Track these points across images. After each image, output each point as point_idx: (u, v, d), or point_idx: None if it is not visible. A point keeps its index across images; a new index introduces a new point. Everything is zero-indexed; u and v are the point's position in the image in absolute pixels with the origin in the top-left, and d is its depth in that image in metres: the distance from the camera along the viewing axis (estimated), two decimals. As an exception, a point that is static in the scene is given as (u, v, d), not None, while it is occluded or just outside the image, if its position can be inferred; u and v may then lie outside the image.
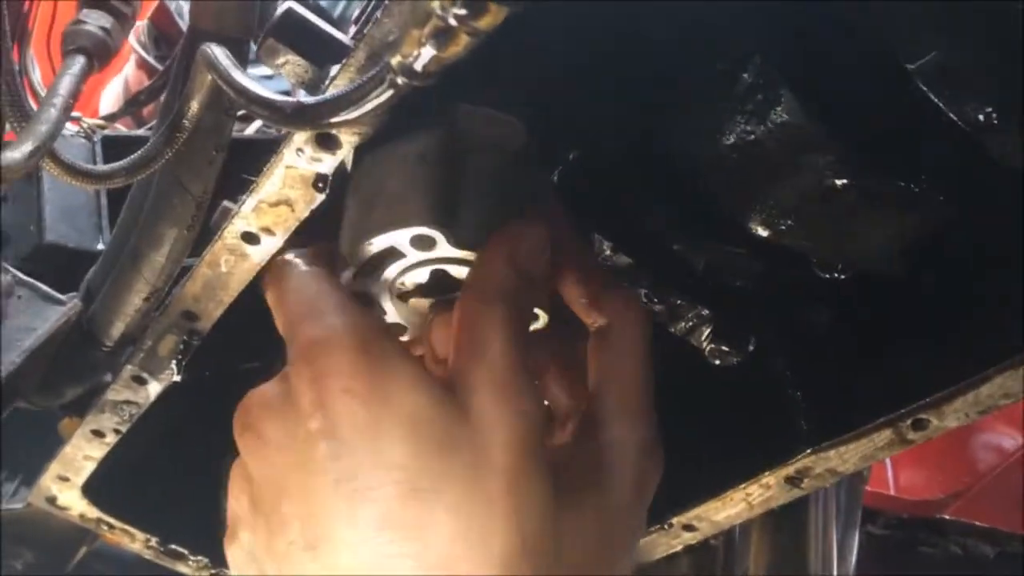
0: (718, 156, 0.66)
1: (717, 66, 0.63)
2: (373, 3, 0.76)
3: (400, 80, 0.42)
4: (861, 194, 0.62)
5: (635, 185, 0.75)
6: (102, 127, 1.14)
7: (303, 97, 0.53)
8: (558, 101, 0.72)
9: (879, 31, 0.57)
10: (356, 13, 0.84)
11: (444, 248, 0.60)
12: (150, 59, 1.41)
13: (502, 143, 0.62)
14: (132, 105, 1.08)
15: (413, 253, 0.61)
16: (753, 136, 0.63)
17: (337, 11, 1.00)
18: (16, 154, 0.51)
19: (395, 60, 0.42)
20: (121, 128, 1.24)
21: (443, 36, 0.39)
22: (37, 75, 1.25)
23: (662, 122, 0.71)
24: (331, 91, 0.51)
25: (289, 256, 0.67)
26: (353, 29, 0.81)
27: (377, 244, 0.61)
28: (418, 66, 0.41)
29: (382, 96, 0.45)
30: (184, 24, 1.39)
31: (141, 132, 1.17)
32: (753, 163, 0.64)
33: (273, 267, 0.68)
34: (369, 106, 0.46)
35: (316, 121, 0.49)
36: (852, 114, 0.60)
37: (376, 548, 0.51)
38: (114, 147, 1.08)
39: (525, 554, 0.52)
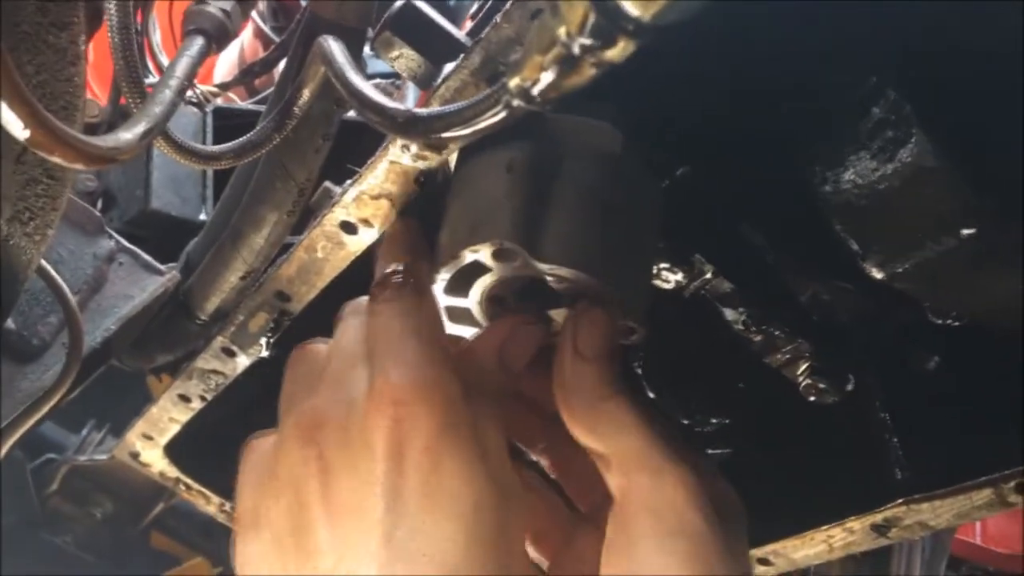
0: (837, 189, 0.63)
1: (846, 97, 0.60)
2: (491, 2, 0.75)
3: (516, 103, 0.41)
4: (989, 245, 0.59)
5: (744, 208, 0.73)
6: (215, 95, 1.15)
7: (414, 107, 0.52)
8: (671, 111, 0.70)
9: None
10: (474, 8, 0.83)
11: (528, 262, 0.58)
12: (267, 29, 1.42)
13: (595, 150, 0.60)
14: (246, 76, 1.09)
15: (498, 267, 0.60)
16: (877, 173, 0.60)
17: (454, -1, 1.00)
18: (129, 135, 0.51)
19: (513, 82, 0.40)
20: (234, 98, 1.26)
21: (566, 64, 0.37)
22: (157, 37, 1.28)
23: (781, 147, 0.67)
24: (445, 104, 0.50)
25: (390, 269, 0.62)
26: (470, 24, 0.80)
27: (465, 257, 0.59)
28: (536, 91, 0.39)
29: (495, 117, 0.44)
30: (303, -2, 1.40)
31: (251, 106, 1.18)
32: (874, 201, 0.61)
33: (376, 284, 0.63)
34: (481, 125, 0.45)
35: (427, 134, 0.48)
36: (989, 161, 0.57)
37: None
38: (224, 118, 1.10)
39: None
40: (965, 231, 0.58)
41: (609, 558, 0.55)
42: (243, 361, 0.90)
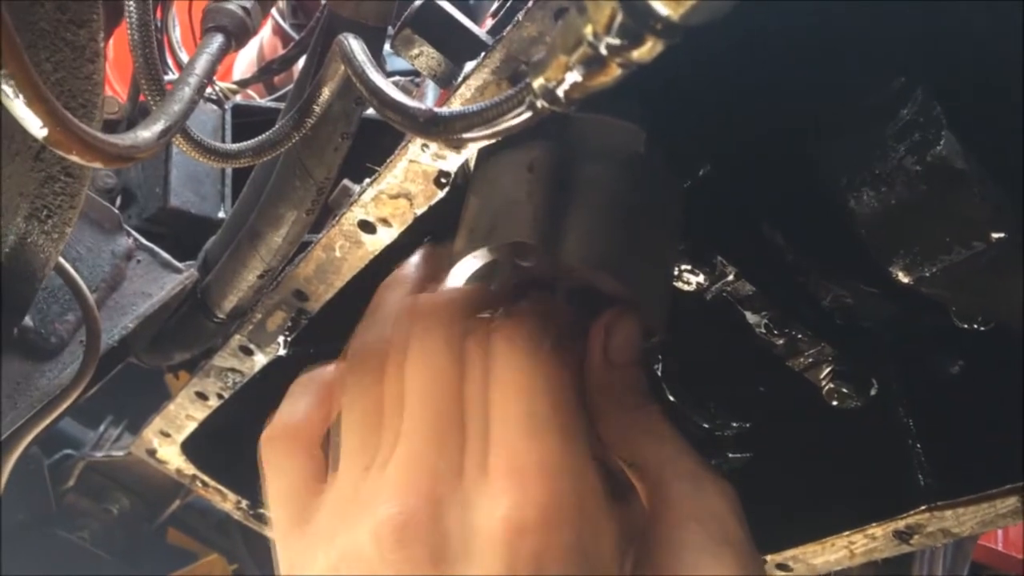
0: (862, 191, 0.62)
1: (873, 97, 0.59)
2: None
3: (540, 104, 0.40)
4: (1018, 249, 0.58)
5: (767, 210, 0.72)
6: (234, 92, 1.15)
7: (434, 105, 0.51)
8: (693, 112, 0.69)
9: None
10: (495, 6, 0.82)
11: (547, 263, 0.58)
12: (286, 26, 1.42)
13: (618, 150, 0.59)
14: (265, 73, 1.09)
15: (519, 266, 0.59)
16: (904, 176, 0.59)
17: (474, -5, 0.99)
18: (147, 133, 0.51)
19: (537, 83, 0.39)
20: (253, 95, 1.25)
21: (592, 65, 0.36)
22: (177, 34, 1.28)
23: (805, 148, 0.66)
24: (466, 103, 0.49)
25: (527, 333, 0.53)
26: (490, 22, 0.80)
27: (484, 255, 0.59)
28: (560, 92, 0.39)
29: (519, 117, 0.43)
30: (322, -5, 1.40)
31: (270, 103, 1.18)
32: (901, 204, 0.60)
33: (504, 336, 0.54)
34: (504, 126, 0.44)
35: (448, 134, 0.47)
36: (1017, 165, 0.55)
37: None
38: (243, 116, 1.10)
39: None
40: (995, 234, 0.57)
41: (650, 567, 0.52)
42: (261, 359, 0.90)
